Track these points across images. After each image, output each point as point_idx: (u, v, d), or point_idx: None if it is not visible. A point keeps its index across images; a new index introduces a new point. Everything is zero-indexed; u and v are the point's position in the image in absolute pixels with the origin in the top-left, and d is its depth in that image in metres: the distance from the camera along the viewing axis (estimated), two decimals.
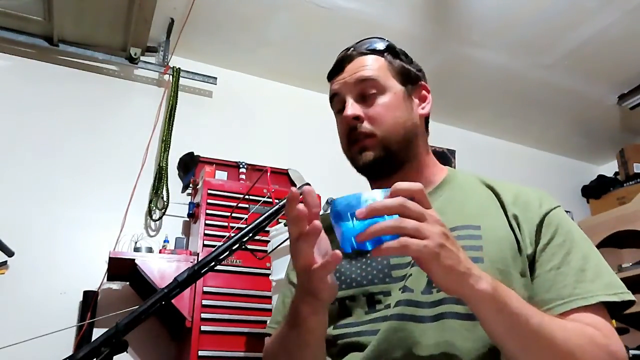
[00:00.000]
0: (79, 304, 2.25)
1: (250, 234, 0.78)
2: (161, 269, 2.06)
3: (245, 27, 2.69)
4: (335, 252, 0.66)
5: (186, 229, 2.57)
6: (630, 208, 3.08)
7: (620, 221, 3.08)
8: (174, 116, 2.67)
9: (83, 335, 2.16)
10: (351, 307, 0.86)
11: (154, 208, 2.51)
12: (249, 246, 0.79)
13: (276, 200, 2.05)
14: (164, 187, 2.55)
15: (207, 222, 2.17)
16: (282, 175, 2.66)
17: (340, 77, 0.96)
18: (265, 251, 2.00)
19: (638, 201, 3.03)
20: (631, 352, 2.64)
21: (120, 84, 2.73)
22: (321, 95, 3.03)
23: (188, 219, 2.52)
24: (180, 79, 2.76)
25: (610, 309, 0.79)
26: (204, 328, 1.97)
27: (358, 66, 0.95)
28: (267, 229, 1.54)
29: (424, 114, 0.98)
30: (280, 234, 1.86)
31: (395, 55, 0.97)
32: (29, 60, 2.54)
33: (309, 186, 0.68)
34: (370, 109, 0.92)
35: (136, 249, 2.25)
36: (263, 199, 2.19)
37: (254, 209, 2.18)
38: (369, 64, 0.95)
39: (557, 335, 0.69)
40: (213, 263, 0.75)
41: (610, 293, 0.78)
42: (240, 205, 2.18)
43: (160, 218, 2.52)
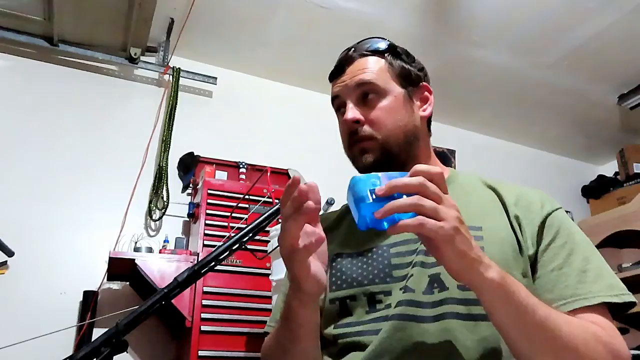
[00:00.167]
0: (79, 304, 2.25)
1: (250, 234, 0.78)
2: (161, 269, 2.06)
3: (245, 27, 2.69)
4: (320, 234, 0.66)
5: (186, 229, 2.57)
6: (630, 208, 3.08)
7: (620, 221, 3.08)
8: (174, 116, 2.67)
9: (83, 335, 2.16)
10: (352, 307, 0.86)
11: (154, 208, 2.51)
12: (249, 246, 0.79)
13: (276, 200, 2.04)
14: (164, 187, 2.55)
15: (207, 222, 2.17)
16: (282, 175, 2.66)
17: (341, 80, 0.95)
18: (265, 251, 2.00)
19: (638, 201, 3.03)
20: (631, 352, 2.64)
21: (120, 84, 2.73)
22: (321, 95, 3.04)
23: (188, 219, 2.52)
24: (180, 79, 2.76)
25: (611, 311, 0.79)
26: (204, 328, 1.97)
27: (358, 68, 0.94)
28: (267, 229, 1.53)
29: (425, 116, 0.98)
30: None
31: (396, 55, 0.97)
32: (29, 60, 2.54)
33: (314, 183, 0.67)
34: (371, 113, 0.92)
35: (136, 249, 2.24)
36: (263, 199, 2.19)
37: (254, 209, 2.18)
38: (370, 66, 0.94)
39: (563, 329, 0.69)
40: (213, 263, 0.75)
41: (612, 294, 0.78)
42: (240, 205, 2.18)
43: (160, 218, 2.52)
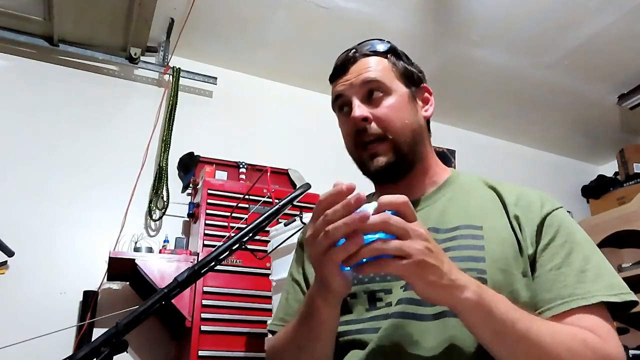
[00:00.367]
0: (79, 304, 2.25)
1: (250, 234, 0.78)
2: (161, 269, 2.06)
3: (245, 27, 2.69)
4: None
5: (186, 229, 2.57)
6: (630, 208, 3.08)
7: (620, 221, 3.08)
8: (174, 116, 2.67)
9: (83, 335, 2.16)
10: (352, 305, 0.86)
11: (154, 208, 2.51)
12: (249, 246, 0.79)
13: (276, 200, 2.05)
14: (164, 187, 2.55)
15: (207, 222, 2.17)
16: (282, 175, 2.67)
17: (345, 79, 0.94)
18: (265, 251, 2.00)
19: (638, 201, 3.03)
20: (631, 352, 2.64)
21: (120, 84, 2.73)
22: (321, 95, 3.04)
23: (188, 219, 2.52)
24: (181, 79, 2.76)
25: (612, 310, 0.79)
26: (204, 328, 1.98)
27: (363, 67, 0.93)
28: (267, 229, 1.54)
29: (427, 116, 0.98)
30: (280, 234, 1.85)
31: (398, 57, 0.97)
32: (29, 60, 2.54)
33: (363, 195, 0.65)
34: (378, 110, 0.91)
35: (136, 249, 2.24)
36: (263, 199, 2.19)
37: (254, 209, 2.18)
38: (374, 65, 0.94)
39: (546, 339, 0.69)
40: (213, 263, 0.75)
41: (611, 293, 0.77)
42: (240, 205, 2.18)
43: (160, 218, 2.52)
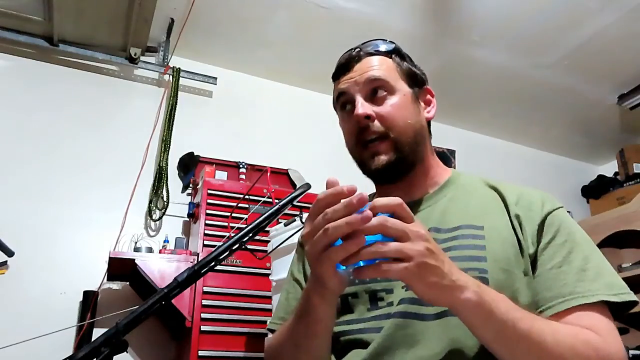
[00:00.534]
0: (79, 304, 2.24)
1: (250, 234, 0.78)
2: (161, 269, 2.06)
3: (245, 27, 2.69)
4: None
5: (186, 229, 2.57)
6: (630, 208, 3.08)
7: (620, 221, 3.07)
8: (174, 116, 2.67)
9: (83, 335, 2.16)
10: (353, 304, 0.87)
11: (154, 208, 2.51)
12: (249, 246, 0.78)
13: (276, 200, 2.05)
14: (164, 187, 2.54)
15: (207, 222, 2.17)
16: (282, 175, 2.67)
17: (349, 76, 0.94)
18: (265, 251, 1.99)
19: (638, 201, 3.03)
20: (631, 352, 2.64)
21: (120, 84, 2.73)
22: (321, 95, 3.03)
23: (188, 219, 2.52)
24: (180, 79, 2.75)
25: (612, 310, 0.79)
26: (204, 328, 1.97)
27: (367, 66, 0.94)
28: (267, 229, 1.53)
29: (429, 118, 0.99)
30: (280, 234, 1.85)
31: (402, 57, 0.98)
32: (29, 60, 2.54)
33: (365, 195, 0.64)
34: (381, 108, 0.91)
35: (136, 249, 2.24)
36: (263, 199, 2.19)
37: (254, 209, 2.18)
38: (378, 64, 0.94)
39: (547, 339, 0.69)
40: (213, 263, 0.75)
41: (611, 293, 0.78)
42: (240, 205, 2.17)
43: (160, 218, 2.52)
